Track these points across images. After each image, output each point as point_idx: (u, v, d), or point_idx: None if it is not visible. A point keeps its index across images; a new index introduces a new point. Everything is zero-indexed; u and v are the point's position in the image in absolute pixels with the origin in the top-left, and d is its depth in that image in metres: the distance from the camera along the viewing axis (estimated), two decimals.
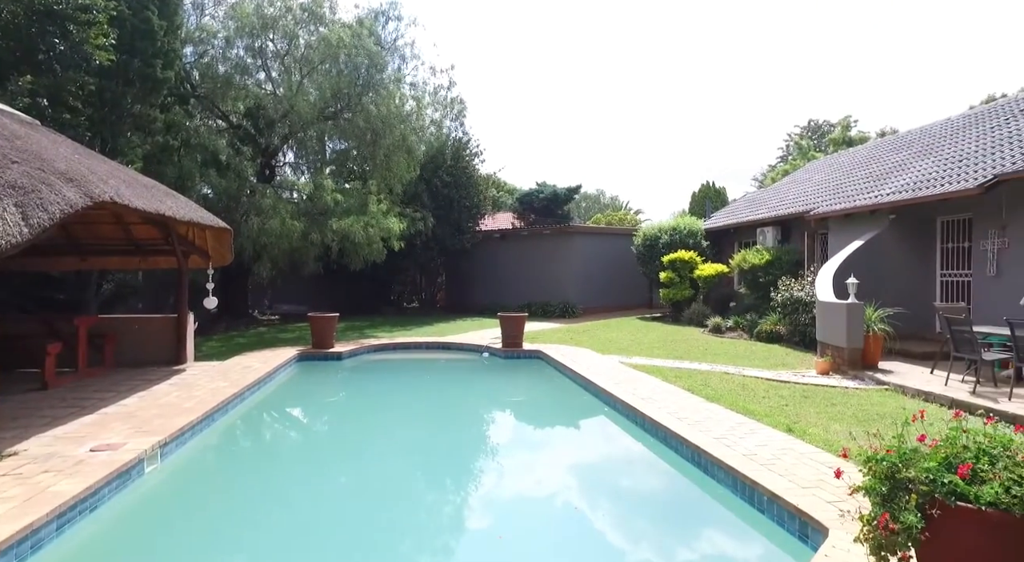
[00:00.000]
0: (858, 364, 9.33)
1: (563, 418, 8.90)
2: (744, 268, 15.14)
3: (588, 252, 21.99)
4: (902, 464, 2.87)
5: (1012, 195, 9.78)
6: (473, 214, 22.60)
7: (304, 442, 7.91)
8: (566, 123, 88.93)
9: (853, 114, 53.89)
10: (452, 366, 12.68)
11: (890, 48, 62.90)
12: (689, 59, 75.87)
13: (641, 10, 70.53)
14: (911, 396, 7.80)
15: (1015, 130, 11.53)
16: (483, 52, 72.15)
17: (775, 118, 76.46)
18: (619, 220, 40.39)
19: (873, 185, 13.39)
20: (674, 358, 10.94)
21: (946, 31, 59.36)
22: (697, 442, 5.56)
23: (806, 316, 11.58)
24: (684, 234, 18.83)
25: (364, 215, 16.27)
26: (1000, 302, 9.68)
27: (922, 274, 11.87)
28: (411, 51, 19.15)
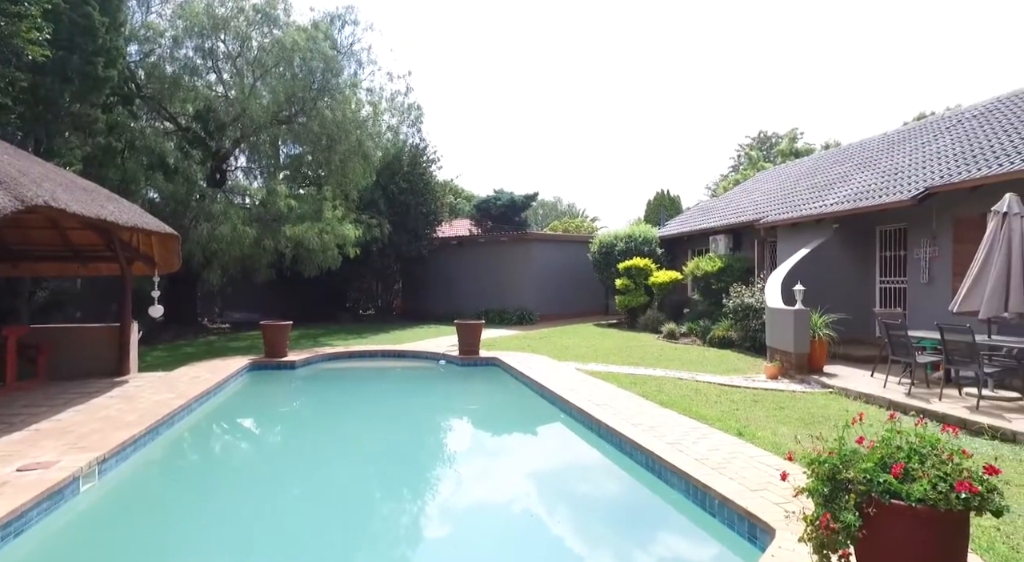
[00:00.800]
0: (805, 368, 9.65)
1: (520, 425, 8.90)
2: (697, 275, 15.50)
3: (545, 259, 22.15)
4: (842, 465, 2.98)
5: (941, 206, 10.31)
6: (430, 221, 22.50)
7: (256, 454, 7.67)
8: (524, 131, 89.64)
9: (800, 126, 56.02)
10: (408, 374, 12.54)
11: (834, 64, 65.74)
12: (646, 69, 77.60)
13: (598, 21, 71.79)
14: (853, 398, 8.11)
15: (943, 146, 12.19)
16: (441, 59, 72.17)
17: (728, 128, 78.84)
18: (576, 227, 40.81)
19: (818, 195, 13.93)
20: (629, 364, 11.09)
21: (884, 50, 62.44)
22: (651, 448, 5.64)
23: (756, 322, 11.91)
24: (639, 241, 19.16)
25: (319, 221, 15.99)
26: (932, 307, 10.18)
27: (863, 281, 12.38)
28: (368, 56, 19.02)
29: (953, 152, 11.45)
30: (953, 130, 13.10)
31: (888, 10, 59.61)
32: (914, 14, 58.93)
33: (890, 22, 60.79)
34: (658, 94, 79.11)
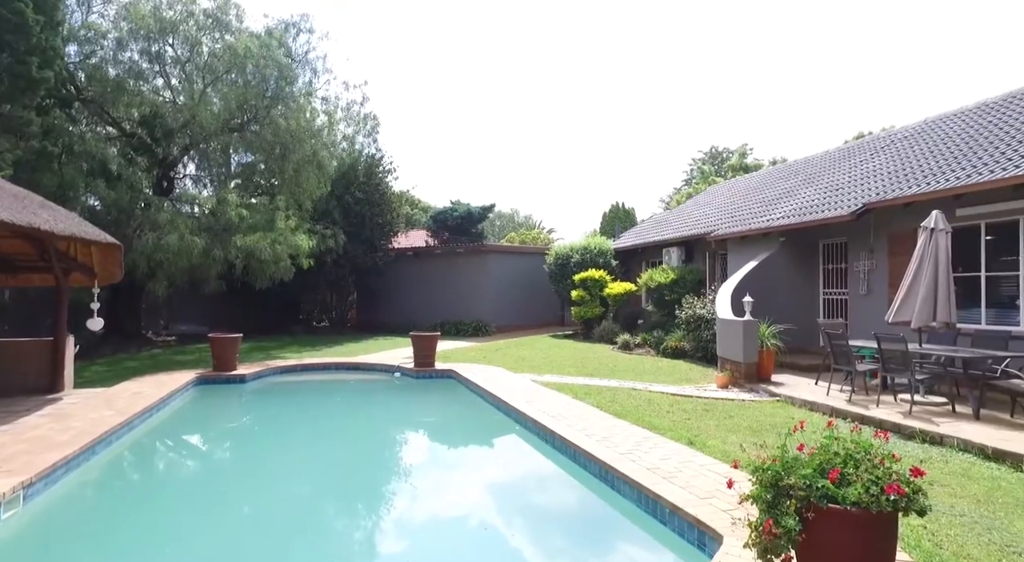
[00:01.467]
0: (754, 377, 9.93)
1: (475, 437, 8.86)
2: (651, 287, 15.79)
3: (502, 270, 22.22)
4: (784, 472, 3.08)
5: (878, 222, 10.82)
6: (386, 232, 22.30)
7: (203, 473, 7.38)
8: (481, 142, 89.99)
9: (750, 142, 57.98)
10: (363, 387, 12.34)
11: (783, 83, 68.44)
12: (603, 83, 79.09)
13: (556, 35, 72.94)
14: (799, 406, 8.38)
15: (879, 164, 12.82)
16: (398, 70, 71.96)
17: (682, 143, 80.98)
18: (532, 239, 41.10)
19: (765, 210, 14.42)
20: (584, 375, 11.19)
21: (827, 71, 65.39)
22: (604, 458, 5.69)
23: (708, 332, 12.20)
24: (595, 253, 19.42)
25: (271, 231, 15.63)
26: (871, 318, 10.64)
27: (808, 292, 12.85)
28: (323, 65, 18.88)
29: (887, 170, 12.05)
30: (888, 150, 13.80)
31: (831, 34, 62.56)
32: (854, 39, 61.99)
33: (833, 45, 63.78)
34: (615, 107, 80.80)
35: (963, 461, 5.70)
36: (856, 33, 61.48)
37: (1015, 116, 11.00)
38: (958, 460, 5.73)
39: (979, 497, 4.75)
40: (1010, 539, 3.97)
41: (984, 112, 12.43)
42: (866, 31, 60.77)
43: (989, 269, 9.26)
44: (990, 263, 9.26)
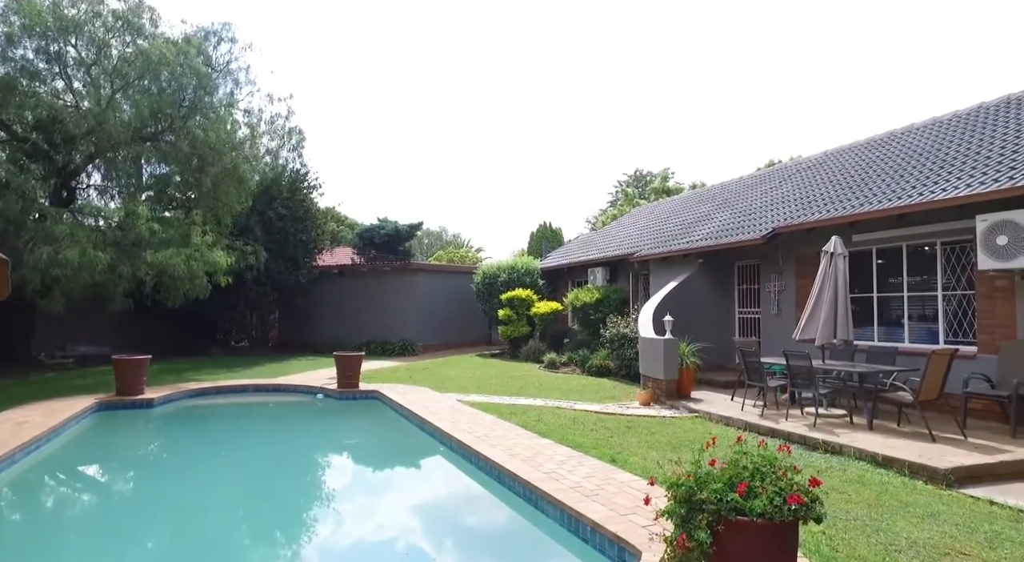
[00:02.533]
0: (674, 394, 10.26)
1: (399, 460, 8.68)
2: (577, 306, 16.09)
3: (429, 289, 22.06)
4: (697, 487, 3.19)
5: (786, 245, 11.54)
6: (310, 249, 21.67)
7: (98, 511, 6.73)
8: (410, 160, 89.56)
9: (672, 166, 60.68)
10: (283, 409, 11.86)
11: (702, 110, 72.15)
12: (532, 103, 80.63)
13: (484, 56, 73.96)
14: (716, 421, 8.72)
15: (788, 191, 13.71)
16: (326, 85, 70.74)
17: (608, 165, 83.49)
18: (461, 258, 41.11)
19: (685, 232, 15.07)
20: (511, 394, 11.22)
21: (742, 101, 69.58)
22: (528, 478, 5.71)
23: (631, 351, 12.52)
24: (522, 273, 19.62)
25: (186, 247, 14.82)
26: (781, 336, 11.27)
27: (725, 311, 13.47)
28: (246, 76, 18.17)
29: (794, 197, 12.90)
30: (794, 178, 14.79)
31: (746, 69, 66.76)
32: (766, 73, 66.42)
33: (747, 78, 68.03)
34: (544, 128, 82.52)
35: (858, 468, 6.10)
36: (767, 68, 65.93)
37: (897, 152, 12.08)
38: (854, 468, 6.13)
39: (870, 501, 5.09)
40: (893, 539, 4.30)
41: (873, 147, 13.58)
42: (775, 66, 65.31)
43: (880, 290, 10.05)
44: (880, 285, 10.05)
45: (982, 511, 4.93)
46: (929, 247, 9.28)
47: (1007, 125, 10.14)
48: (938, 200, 8.25)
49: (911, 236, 9.36)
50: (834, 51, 61.87)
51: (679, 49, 66.86)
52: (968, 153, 9.74)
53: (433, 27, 68.10)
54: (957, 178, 8.79)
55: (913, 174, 10.12)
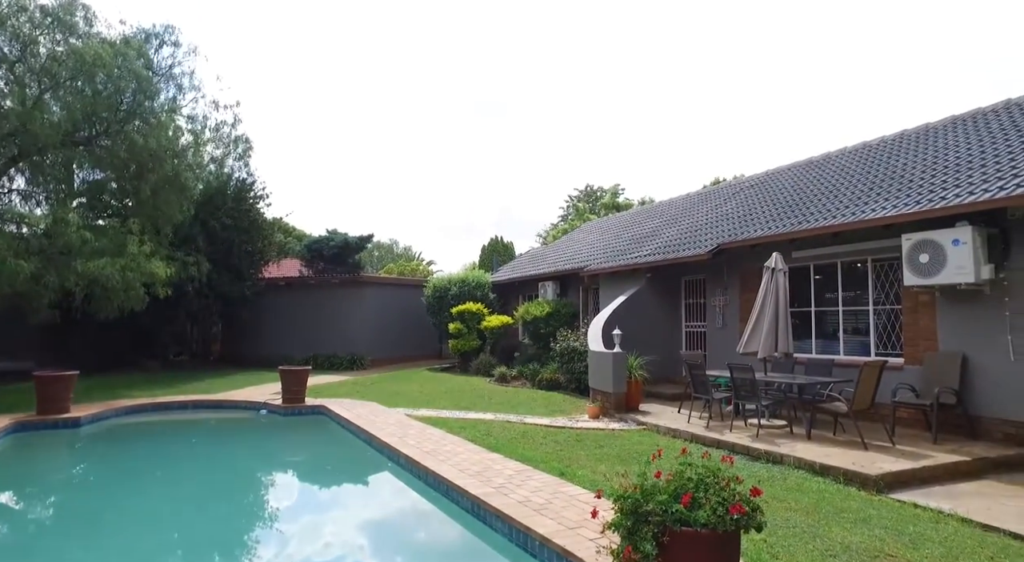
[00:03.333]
0: (623, 407, 10.38)
1: (346, 476, 8.47)
2: (527, 320, 16.15)
3: (379, 302, 21.77)
4: (643, 499, 3.23)
5: (730, 261, 11.91)
6: (256, 260, 21.05)
7: (12, 542, 6.30)
8: (362, 172, 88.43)
9: (621, 182, 61.86)
10: (224, 427, 11.42)
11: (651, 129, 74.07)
12: (483, 116, 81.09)
13: (437, 66, 74.08)
14: (663, 434, 8.86)
15: (731, 209, 14.18)
16: (276, 94, 69.33)
17: (560, 179, 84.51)
18: (412, 271, 40.75)
19: (634, 247, 15.37)
20: (460, 409, 11.13)
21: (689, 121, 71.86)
22: (476, 493, 5.65)
23: (581, 364, 12.62)
24: (472, 286, 19.58)
25: (121, 257, 14.12)
26: (726, 349, 11.58)
27: (672, 325, 13.75)
28: (190, 81, 17.49)
29: (738, 214, 13.35)
30: (738, 195, 15.32)
31: (692, 89, 69.08)
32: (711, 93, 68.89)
33: (694, 98, 70.38)
34: (496, 143, 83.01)
35: (798, 477, 6.31)
36: (713, 88, 68.41)
37: (832, 173, 12.68)
38: (794, 476, 6.33)
39: (808, 508, 5.27)
40: (829, 544, 4.47)
41: (811, 168, 14.23)
42: (721, 87, 67.84)
43: (817, 305, 10.47)
44: (818, 299, 10.48)
45: (908, 514, 5.17)
46: (861, 264, 9.74)
47: (926, 152, 10.79)
48: (868, 220, 8.69)
49: (845, 253, 9.81)
50: (775, 75, 64.82)
51: (630, 68, 68.71)
52: (894, 176, 10.32)
53: (385, 39, 67.89)
54: (885, 199, 9.29)
55: (846, 194, 10.64)
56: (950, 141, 10.71)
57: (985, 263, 7.53)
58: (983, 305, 7.85)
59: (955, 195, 7.89)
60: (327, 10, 58.79)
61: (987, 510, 5.23)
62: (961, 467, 6.50)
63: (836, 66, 61.92)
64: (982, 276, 7.49)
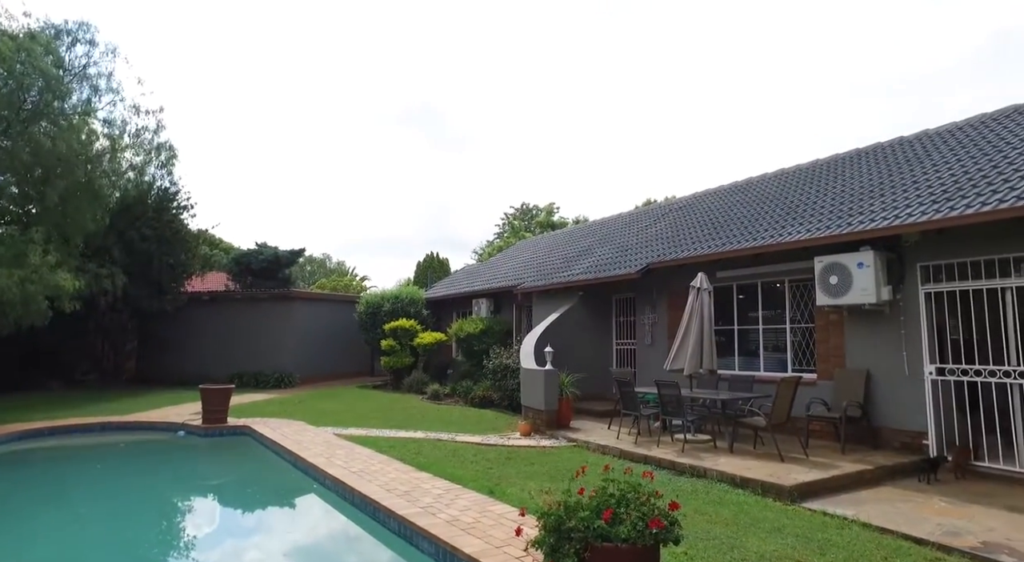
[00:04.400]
0: (554, 424, 10.46)
1: (268, 499, 8.12)
2: (461, 337, 16.09)
3: (309, 318, 21.16)
4: (566, 516, 3.26)
5: (659, 280, 12.30)
6: (179, 273, 19.98)
7: None
8: (295, 185, 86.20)
9: (557, 201, 62.97)
10: (136, 450, 10.70)
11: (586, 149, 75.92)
12: (421, 134, 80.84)
13: (372, 78, 73.47)
14: (593, 450, 8.98)
15: (661, 229, 14.70)
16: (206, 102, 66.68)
17: (496, 196, 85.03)
18: (345, 286, 39.91)
19: (567, 265, 15.63)
20: (391, 427, 10.92)
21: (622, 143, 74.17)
22: (404, 513, 5.54)
23: (514, 382, 12.65)
24: (406, 302, 19.36)
25: (20, 268, 13.07)
26: (654, 366, 11.90)
27: (603, 342, 14.04)
28: (107, 83, 16.57)
29: (667, 235, 13.84)
30: (668, 216, 15.89)
31: (624, 114, 71.44)
32: (642, 117, 71.46)
33: (625, 122, 72.77)
34: (432, 158, 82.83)
35: (719, 490, 6.53)
36: (646, 112, 71.01)
37: (753, 197, 13.39)
38: (716, 490, 6.55)
39: (728, 520, 5.46)
40: (745, 554, 4.64)
41: (735, 191, 14.97)
42: (653, 110, 70.53)
43: (740, 323, 10.96)
44: (741, 318, 10.97)
45: (817, 522, 5.46)
46: (780, 284, 10.29)
47: (836, 181, 11.58)
48: (784, 243, 9.21)
49: (765, 274, 10.34)
50: (703, 102, 68.01)
51: (568, 89, 70.41)
52: (808, 202, 11.00)
53: (318, 49, 66.81)
54: (800, 223, 9.88)
55: (766, 218, 11.24)
56: (855, 172, 11.54)
57: (884, 285, 8.12)
58: (883, 324, 8.44)
59: (859, 222, 8.50)
60: (259, 19, 57.43)
61: (884, 514, 5.60)
62: (865, 475, 6.93)
63: (759, 97, 65.70)
64: (882, 297, 8.07)
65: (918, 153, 10.79)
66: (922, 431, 7.78)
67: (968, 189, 7.77)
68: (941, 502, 6.08)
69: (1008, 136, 9.31)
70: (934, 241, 7.93)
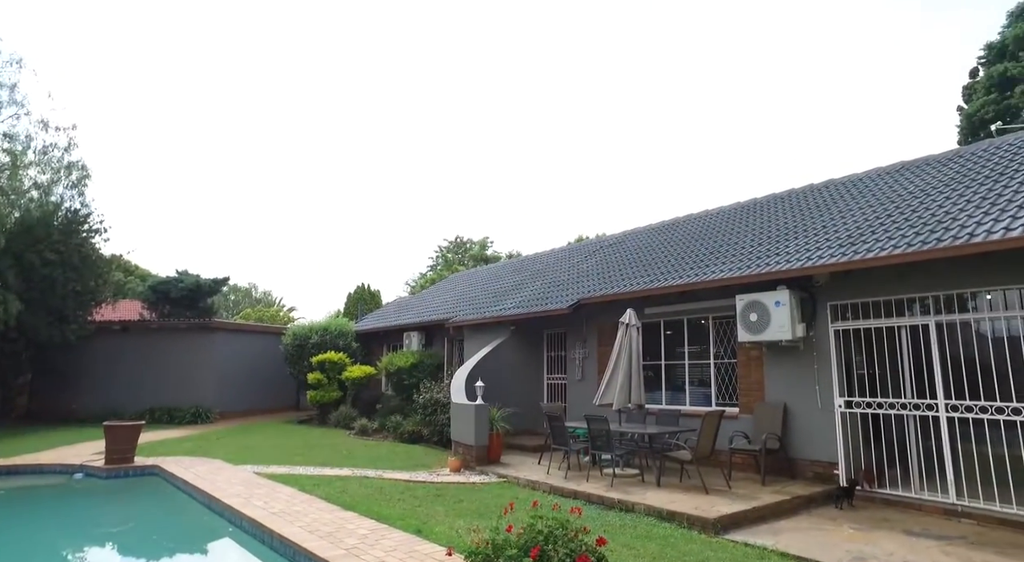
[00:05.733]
0: (484, 460, 10.33)
1: (178, 546, 7.53)
2: (391, 370, 15.75)
3: (232, 350, 20.19)
4: (494, 554, 3.21)
5: (589, 315, 12.54)
6: (86, 301, 18.62)
7: None
8: (222, 212, 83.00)
9: (491, 235, 63.40)
10: (23, 497, 9.74)
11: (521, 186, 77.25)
12: (354, 163, 80.00)
13: (306, 108, 72.51)
14: (523, 486, 8.91)
15: (592, 266, 15.06)
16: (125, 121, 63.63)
17: (431, 229, 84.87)
18: (271, 317, 38.44)
19: (499, 299, 15.70)
20: (316, 464, 10.47)
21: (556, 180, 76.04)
22: (326, 556, 5.29)
23: (444, 416, 12.44)
24: (335, 335, 18.83)
25: None
26: (585, 400, 12.02)
27: (534, 377, 14.08)
28: (10, 95, 15.63)
29: (597, 271, 14.18)
30: (598, 253, 16.32)
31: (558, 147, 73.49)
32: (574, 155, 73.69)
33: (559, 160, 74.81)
34: (366, 188, 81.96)
35: (647, 524, 6.61)
36: (579, 150, 73.28)
37: (681, 236, 13.98)
38: (644, 523, 6.62)
39: (655, 554, 5.52)
40: None
41: (663, 230, 15.59)
42: (587, 149, 72.88)
43: (667, 358, 11.29)
44: (668, 353, 11.31)
45: (739, 553, 5.61)
46: (704, 321, 10.70)
47: (755, 222, 12.29)
48: (708, 281, 9.64)
49: (691, 311, 10.74)
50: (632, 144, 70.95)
51: (500, 125, 71.85)
52: (730, 242, 11.59)
53: (246, 72, 65.48)
54: (723, 262, 10.38)
55: (692, 257, 11.74)
56: (773, 215, 12.29)
57: (799, 322, 8.61)
58: (798, 359, 8.92)
59: (776, 262, 9.03)
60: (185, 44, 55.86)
61: (800, 543, 5.84)
62: (783, 505, 7.21)
63: (687, 137, 69.25)
64: (797, 334, 8.55)
65: (826, 200, 11.63)
66: (833, 461, 8.19)
67: (868, 235, 8.43)
68: (850, 529, 6.40)
69: (899, 188, 10.22)
70: (841, 282, 8.51)
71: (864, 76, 55.49)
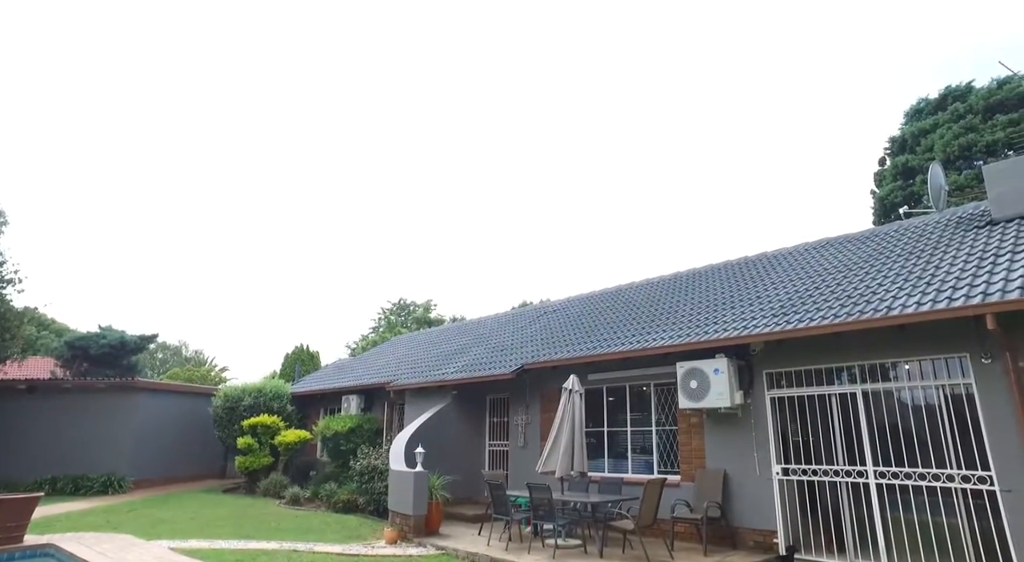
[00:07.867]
0: (423, 530, 9.88)
1: None
2: (327, 435, 15.08)
3: (154, 412, 18.87)
4: None
5: (532, 381, 12.51)
6: None
7: None
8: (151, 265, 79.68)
9: (434, 298, 63.00)
10: None
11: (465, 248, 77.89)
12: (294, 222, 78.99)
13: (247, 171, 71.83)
14: (462, 558, 8.53)
15: (536, 331, 15.17)
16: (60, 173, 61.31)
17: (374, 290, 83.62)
18: (202, 377, 36.48)
19: (442, 363, 15.48)
20: (240, 537, 9.73)
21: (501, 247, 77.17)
22: None
23: (382, 484, 11.91)
24: (270, 397, 17.97)
25: None
26: (527, 468, 11.79)
27: (476, 443, 13.75)
28: None
29: (541, 337, 14.27)
30: (543, 318, 16.47)
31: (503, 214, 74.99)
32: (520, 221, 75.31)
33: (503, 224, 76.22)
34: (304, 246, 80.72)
35: None
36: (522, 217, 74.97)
37: (623, 304, 14.32)
38: None
39: None
40: None
41: (606, 297, 15.96)
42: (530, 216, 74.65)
43: (610, 425, 11.30)
44: (610, 420, 11.33)
45: None
46: (646, 388, 10.84)
47: (695, 292, 12.78)
48: (650, 348, 9.85)
49: (633, 378, 10.87)
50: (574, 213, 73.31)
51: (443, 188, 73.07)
52: (671, 311, 11.96)
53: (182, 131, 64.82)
54: (664, 330, 10.67)
55: (635, 324, 12.01)
56: (711, 284, 12.82)
57: (737, 390, 8.85)
58: (737, 427, 9.11)
59: (715, 330, 9.35)
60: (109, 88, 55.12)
61: None
62: None
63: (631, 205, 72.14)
64: (735, 401, 8.77)
65: (759, 271, 12.26)
66: (773, 529, 8.25)
67: (799, 305, 8.90)
68: None
69: (824, 262, 10.93)
70: (776, 350, 8.87)
71: (793, 154, 60.00)
